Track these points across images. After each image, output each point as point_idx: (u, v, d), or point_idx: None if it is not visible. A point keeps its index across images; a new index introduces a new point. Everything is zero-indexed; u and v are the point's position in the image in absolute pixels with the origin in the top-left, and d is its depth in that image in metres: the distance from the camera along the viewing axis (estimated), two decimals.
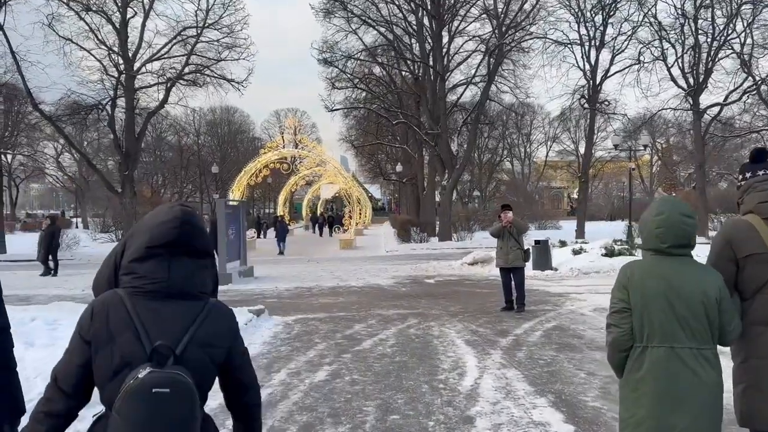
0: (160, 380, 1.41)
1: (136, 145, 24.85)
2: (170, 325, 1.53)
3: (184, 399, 1.44)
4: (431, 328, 8.34)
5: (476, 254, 16.49)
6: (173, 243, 1.56)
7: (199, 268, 1.63)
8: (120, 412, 1.42)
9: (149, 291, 1.54)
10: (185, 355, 1.50)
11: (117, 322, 1.51)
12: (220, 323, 1.62)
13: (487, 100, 25.19)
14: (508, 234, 9.72)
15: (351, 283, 13.99)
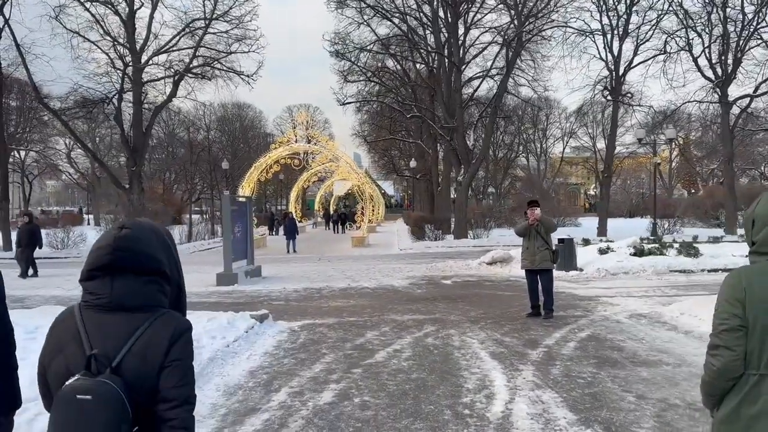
0: (83, 388, 1.48)
1: (143, 140, 24.25)
2: (112, 336, 1.58)
3: (107, 407, 1.47)
4: (451, 338, 7.52)
5: (495, 253, 15.61)
6: (107, 267, 1.62)
7: (144, 284, 1.64)
8: (51, 417, 1.52)
9: (96, 305, 1.61)
10: (122, 364, 1.54)
11: (65, 334, 1.61)
12: (161, 334, 1.61)
13: (505, 91, 24.24)
14: (535, 233, 8.86)
15: (363, 283, 13.21)
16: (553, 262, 8.90)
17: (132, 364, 1.55)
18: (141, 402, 1.54)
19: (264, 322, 8.19)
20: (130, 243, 1.62)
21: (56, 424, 1.50)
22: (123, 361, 1.55)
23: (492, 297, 11.06)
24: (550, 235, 9.03)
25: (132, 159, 23.91)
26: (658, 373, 5.82)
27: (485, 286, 12.63)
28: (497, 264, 15.45)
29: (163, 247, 1.71)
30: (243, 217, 14.61)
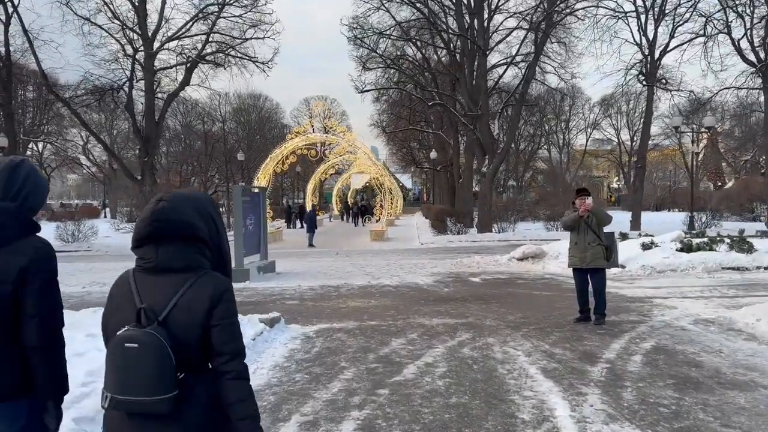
0: (131, 337, 1.67)
1: (156, 129, 23.42)
2: (159, 293, 1.76)
3: (150, 355, 1.65)
4: (491, 348, 6.43)
5: (526, 248, 14.45)
6: (149, 236, 1.79)
7: (184, 248, 1.80)
8: (105, 361, 1.73)
9: (145, 268, 1.81)
10: (168, 318, 1.72)
11: (121, 294, 1.82)
12: (202, 292, 1.76)
13: (533, 77, 22.92)
14: (586, 226, 7.72)
15: (384, 281, 12.16)
16: (607, 259, 7.76)
17: (176, 318, 1.73)
18: (185, 352, 1.72)
19: (275, 326, 7.17)
20: (166, 214, 1.79)
21: (109, 368, 1.72)
22: (169, 315, 1.73)
23: (528, 298, 9.93)
24: (603, 229, 7.87)
25: (144, 149, 23.10)
26: (759, 399, 4.68)
27: (518, 284, 11.49)
28: (528, 260, 14.29)
29: (201, 214, 1.84)
30: (256, 209, 13.64)
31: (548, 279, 12.10)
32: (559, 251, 14.20)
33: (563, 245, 14.61)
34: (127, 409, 1.70)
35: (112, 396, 1.69)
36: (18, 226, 2.06)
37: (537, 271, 13.17)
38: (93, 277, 13.66)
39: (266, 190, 26.80)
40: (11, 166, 2.11)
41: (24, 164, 2.14)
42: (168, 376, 1.67)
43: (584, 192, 8.05)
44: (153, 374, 1.65)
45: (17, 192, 2.09)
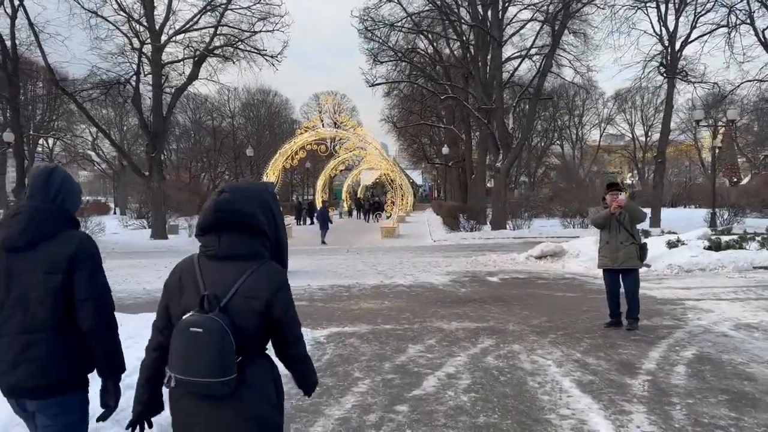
0: (195, 322, 1.79)
1: (163, 124, 23.00)
2: (222, 280, 1.87)
3: (213, 339, 1.75)
4: (517, 357, 5.89)
5: (545, 246, 13.86)
6: (210, 227, 1.92)
7: (245, 238, 1.91)
8: (171, 344, 1.84)
9: (208, 255, 1.93)
10: (230, 304, 1.83)
11: (186, 277, 1.93)
12: (262, 281, 1.87)
13: (549, 69, 22.26)
14: (618, 224, 7.15)
15: (397, 280, 11.64)
16: (641, 259, 7.17)
17: (237, 304, 1.84)
18: (244, 337, 1.82)
19: None
20: (227, 205, 1.90)
21: (174, 350, 1.82)
22: (229, 301, 1.84)
23: (551, 299, 9.37)
24: (636, 227, 7.29)
25: (152, 145, 22.69)
26: None
27: (539, 285, 10.93)
28: (547, 258, 13.72)
29: (261, 206, 1.96)
30: None
31: (570, 279, 11.52)
32: (579, 249, 13.63)
33: (583, 243, 14.05)
34: (189, 390, 1.81)
35: (176, 377, 1.81)
36: (60, 221, 2.19)
37: (557, 271, 12.59)
38: None
39: (275, 186, 26.45)
40: (47, 172, 2.24)
41: (58, 170, 2.29)
42: (228, 359, 1.77)
43: (615, 187, 7.47)
44: (215, 358, 1.76)
45: (54, 195, 2.21)
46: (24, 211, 2.17)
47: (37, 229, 2.13)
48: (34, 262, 2.11)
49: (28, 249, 2.11)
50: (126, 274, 13.30)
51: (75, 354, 2.14)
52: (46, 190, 2.21)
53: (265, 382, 1.87)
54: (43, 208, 2.18)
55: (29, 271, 2.11)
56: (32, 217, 2.14)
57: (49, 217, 2.17)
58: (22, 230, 2.12)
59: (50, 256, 2.10)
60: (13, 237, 2.12)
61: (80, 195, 2.38)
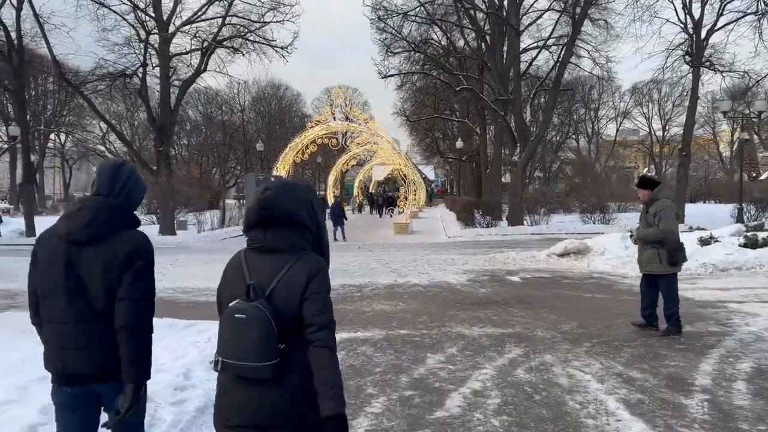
0: (240, 309, 1.91)
1: (171, 117, 22.49)
2: (266, 271, 1.98)
3: (256, 325, 1.87)
4: (551, 370, 5.23)
5: (568, 243, 13.13)
6: (257, 224, 2.04)
7: (288, 232, 2.02)
8: (219, 329, 1.99)
9: (254, 248, 2.05)
10: (273, 293, 1.94)
11: (235, 270, 2.06)
12: (301, 270, 1.97)
13: (569, 59, 21.41)
14: (645, 222, 6.49)
15: (412, 279, 11.00)
16: (670, 263, 6.30)
17: (279, 294, 1.93)
18: (287, 324, 1.92)
19: None
20: (270, 202, 2.03)
21: (221, 335, 1.96)
22: (273, 291, 1.94)
23: (579, 301, 8.68)
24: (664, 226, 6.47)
25: (159, 138, 22.20)
26: None
27: (564, 285, 10.23)
28: (571, 256, 12.99)
29: (301, 201, 2.06)
30: None
31: (597, 278, 10.80)
32: (604, 246, 12.90)
33: (608, 240, 13.30)
34: (234, 372, 1.93)
35: (222, 360, 1.93)
36: (123, 219, 2.27)
37: (582, 270, 11.87)
38: None
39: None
40: (114, 167, 2.33)
41: (125, 166, 2.36)
42: (271, 345, 1.87)
43: (648, 183, 6.70)
44: (258, 343, 1.87)
45: (120, 190, 2.28)
46: (88, 206, 2.23)
47: (99, 227, 2.19)
48: (93, 258, 2.18)
49: (88, 244, 2.18)
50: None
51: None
52: (112, 185, 2.27)
53: (306, 368, 1.92)
54: (107, 205, 2.23)
55: (87, 265, 2.18)
56: (95, 213, 2.20)
57: (112, 215, 2.22)
58: (85, 225, 2.18)
59: (108, 254, 2.17)
60: (76, 231, 2.18)
61: (145, 190, 2.47)
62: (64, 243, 2.20)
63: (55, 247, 2.22)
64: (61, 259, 2.19)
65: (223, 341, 1.93)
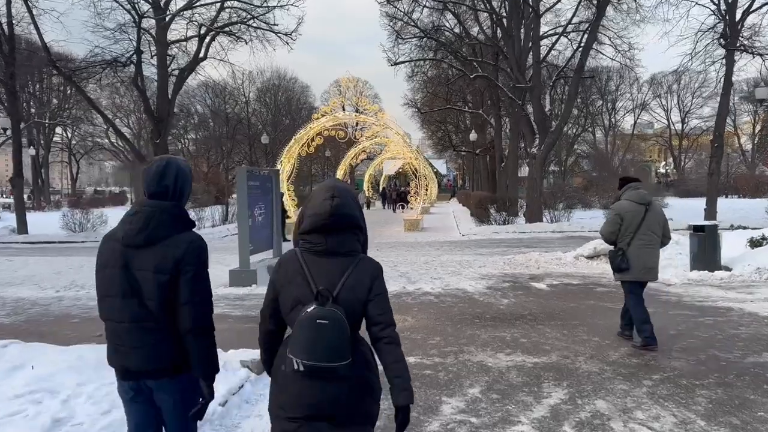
0: (320, 314, 1.99)
1: (168, 108, 21.28)
2: (329, 274, 2.08)
3: (337, 328, 1.99)
4: (609, 426, 3.89)
5: (598, 244, 11.72)
6: (325, 228, 2.10)
7: (348, 236, 2.14)
8: (295, 333, 2.03)
9: (314, 251, 2.12)
10: (339, 296, 2.05)
11: (293, 271, 2.12)
12: (364, 273, 2.12)
13: (593, 43, 19.87)
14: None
15: (422, 285, 9.69)
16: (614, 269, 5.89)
17: (345, 295, 2.06)
18: (352, 324, 2.07)
19: (261, 376, 4.79)
20: (341, 209, 2.11)
21: (301, 339, 2.00)
22: (339, 293, 2.05)
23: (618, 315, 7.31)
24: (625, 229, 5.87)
25: (156, 130, 21.01)
26: None
27: (599, 295, 8.85)
28: (601, 258, 11.58)
29: (358, 206, 2.20)
30: (266, 196, 11.30)
31: None
32: None
33: None
34: (314, 372, 1.99)
35: (302, 362, 1.99)
36: (178, 223, 2.35)
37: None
38: (76, 277, 11.58)
39: (291, 174, 24.57)
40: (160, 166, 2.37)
41: (171, 162, 2.40)
42: (347, 346, 2.01)
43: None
44: (338, 344, 1.98)
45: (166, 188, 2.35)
46: (142, 211, 2.32)
47: (153, 231, 2.28)
48: (147, 260, 2.27)
49: (143, 247, 2.27)
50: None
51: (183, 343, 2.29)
52: (160, 184, 2.34)
53: (367, 359, 2.13)
54: (159, 208, 2.32)
55: (142, 268, 2.27)
56: (147, 218, 2.29)
57: (164, 219, 2.31)
58: (140, 230, 2.28)
59: (160, 256, 2.26)
60: (132, 235, 2.28)
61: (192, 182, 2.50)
62: (121, 246, 2.30)
63: (113, 248, 2.33)
64: (118, 261, 2.29)
65: (304, 344, 1.99)
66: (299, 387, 2.03)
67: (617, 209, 5.86)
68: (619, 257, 5.75)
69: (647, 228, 5.71)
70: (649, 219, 5.73)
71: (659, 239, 5.81)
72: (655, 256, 5.77)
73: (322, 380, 2.00)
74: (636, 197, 5.81)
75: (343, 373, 1.99)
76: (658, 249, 5.81)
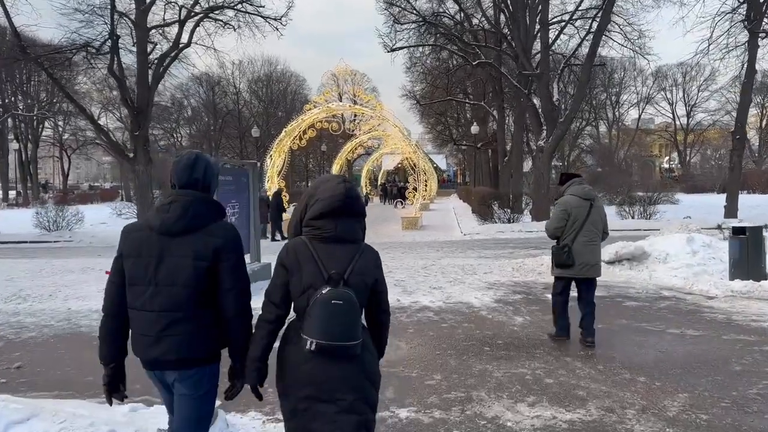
0: (337, 296, 2.13)
1: (148, 97, 19.85)
2: (339, 260, 2.20)
3: (352, 308, 2.14)
4: None
5: (620, 247, 10.30)
6: (339, 210, 2.24)
7: (355, 223, 2.30)
8: (311, 314, 2.14)
9: (323, 237, 2.23)
10: (349, 280, 2.18)
11: (303, 257, 2.21)
12: (369, 260, 2.29)
13: (607, 25, 18.39)
14: None
15: (420, 298, 8.30)
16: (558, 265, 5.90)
17: (354, 279, 2.20)
18: (361, 305, 2.25)
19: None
20: (354, 192, 2.27)
21: (317, 320, 2.12)
22: (349, 277, 2.18)
23: (667, 343, 5.91)
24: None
25: (135, 121, 19.60)
26: None
27: (631, 311, 7.45)
28: (623, 264, 10.19)
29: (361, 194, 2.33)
30: (241, 193, 9.89)
31: (671, 299, 8.02)
32: (665, 250, 10.12)
33: (669, 242, 10.46)
34: (330, 352, 2.11)
35: (317, 341, 2.10)
36: (211, 211, 2.41)
37: (644, 284, 9.07)
38: (27, 285, 10.15)
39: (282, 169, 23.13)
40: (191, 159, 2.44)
41: (200, 157, 2.49)
42: (359, 325, 2.18)
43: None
44: (352, 324, 2.14)
45: (196, 181, 2.42)
46: (179, 200, 2.35)
47: (191, 219, 2.33)
48: (185, 248, 2.31)
49: (180, 235, 2.31)
50: (77, 281, 10.14)
51: (211, 333, 2.33)
52: (191, 176, 2.41)
53: (369, 345, 2.28)
54: (196, 198, 2.38)
55: (179, 256, 2.30)
56: (186, 206, 2.34)
57: (201, 208, 2.36)
58: (179, 217, 2.32)
59: (200, 245, 2.30)
60: (170, 223, 2.32)
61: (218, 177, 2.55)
62: (156, 234, 2.33)
63: (146, 237, 2.35)
64: (154, 250, 2.32)
65: (321, 325, 2.10)
66: (311, 366, 2.15)
67: (563, 205, 5.79)
68: (564, 254, 5.71)
69: (591, 224, 5.68)
70: (593, 215, 5.70)
71: (600, 235, 5.80)
72: (597, 252, 5.77)
73: (333, 359, 2.13)
74: (581, 193, 5.77)
75: (353, 352, 2.14)
76: (599, 245, 5.83)
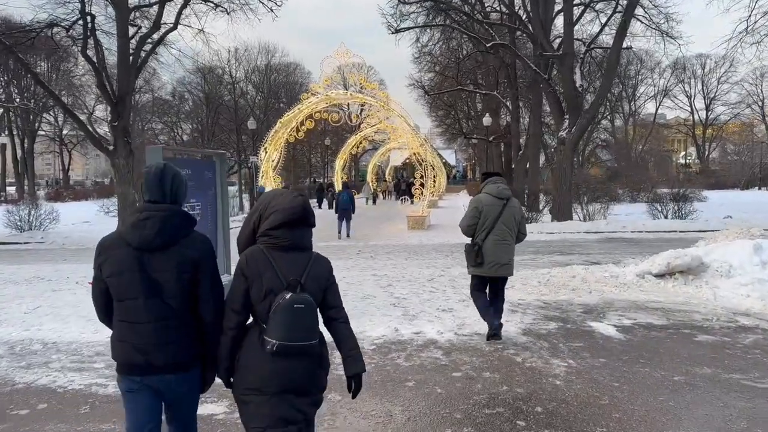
0: (299, 300, 2.30)
1: (128, 84, 18.10)
2: (295, 267, 2.39)
3: (312, 312, 2.33)
4: None
5: (672, 258, 8.35)
6: (296, 221, 2.42)
7: (307, 233, 2.49)
8: (274, 318, 2.29)
9: (278, 246, 2.40)
10: (305, 285, 2.36)
11: (262, 265, 2.38)
12: (321, 266, 2.50)
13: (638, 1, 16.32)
14: None
15: (425, 327, 6.43)
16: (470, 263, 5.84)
17: (310, 284, 2.38)
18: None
19: None
20: (308, 205, 2.48)
21: (280, 323, 2.28)
22: (305, 282, 2.36)
23: (756, 395, 4.01)
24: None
25: (114, 111, 17.84)
26: None
27: (708, 348, 5.54)
28: (676, 277, 8.26)
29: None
30: (206, 189, 8.00)
31: (755, 330, 6.10)
32: (728, 261, 8.23)
33: (731, 251, 8.50)
34: (290, 352, 2.30)
35: (279, 342, 2.27)
36: (185, 224, 2.46)
37: (708, 305, 7.14)
38: None
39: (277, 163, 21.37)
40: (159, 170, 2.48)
41: (167, 167, 2.52)
42: (317, 326, 2.35)
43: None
44: (312, 325, 2.32)
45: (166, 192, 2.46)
46: (155, 215, 2.39)
47: (170, 235, 2.39)
48: (166, 262, 2.38)
49: (160, 250, 2.38)
50: (11, 296, 8.34)
51: (197, 338, 2.47)
52: (162, 188, 2.45)
53: (323, 338, 2.44)
54: (171, 212, 2.42)
55: (161, 270, 2.38)
56: (164, 222, 2.38)
57: (178, 222, 2.42)
58: (156, 234, 2.37)
59: (179, 258, 2.38)
60: (149, 240, 2.37)
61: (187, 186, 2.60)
62: (135, 250, 2.37)
63: (125, 254, 2.39)
64: (134, 265, 2.37)
65: (283, 327, 2.26)
66: (274, 366, 2.31)
67: (475, 202, 5.88)
68: (474, 252, 5.74)
69: (503, 223, 5.70)
70: (505, 214, 5.73)
71: (514, 235, 5.79)
72: (509, 252, 5.75)
73: (294, 358, 2.31)
74: (495, 191, 5.81)
75: (318, 350, 2.38)
76: (512, 245, 5.82)
